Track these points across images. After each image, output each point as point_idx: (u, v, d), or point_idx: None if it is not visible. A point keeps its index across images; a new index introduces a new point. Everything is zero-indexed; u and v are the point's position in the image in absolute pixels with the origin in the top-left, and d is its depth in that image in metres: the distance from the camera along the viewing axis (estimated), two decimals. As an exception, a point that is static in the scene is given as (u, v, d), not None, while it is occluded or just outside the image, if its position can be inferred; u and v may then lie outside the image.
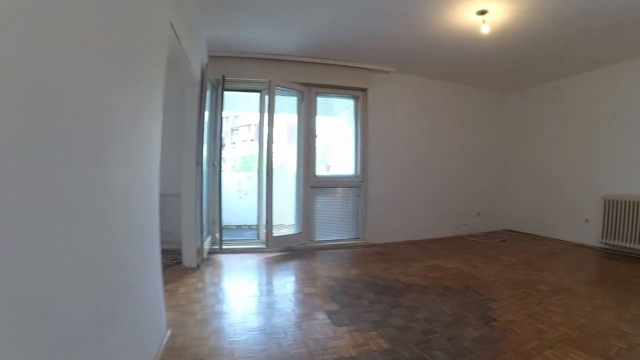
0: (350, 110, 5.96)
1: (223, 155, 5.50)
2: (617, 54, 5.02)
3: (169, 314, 2.77)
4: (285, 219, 5.22)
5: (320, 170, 5.78)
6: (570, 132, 6.19)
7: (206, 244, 4.63)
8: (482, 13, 3.83)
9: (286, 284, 3.81)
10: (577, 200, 6.01)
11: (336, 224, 5.75)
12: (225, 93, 4.99)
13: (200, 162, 4.21)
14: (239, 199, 7.10)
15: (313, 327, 2.73)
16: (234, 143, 9.07)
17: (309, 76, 5.36)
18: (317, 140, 5.56)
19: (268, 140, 4.88)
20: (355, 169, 5.90)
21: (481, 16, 3.87)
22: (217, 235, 5.00)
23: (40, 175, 0.98)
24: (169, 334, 2.49)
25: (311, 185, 5.44)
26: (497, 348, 2.47)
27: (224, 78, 4.83)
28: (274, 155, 4.91)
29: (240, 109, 7.80)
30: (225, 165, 7.94)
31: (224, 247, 4.95)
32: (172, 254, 4.45)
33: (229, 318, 2.89)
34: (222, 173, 4.97)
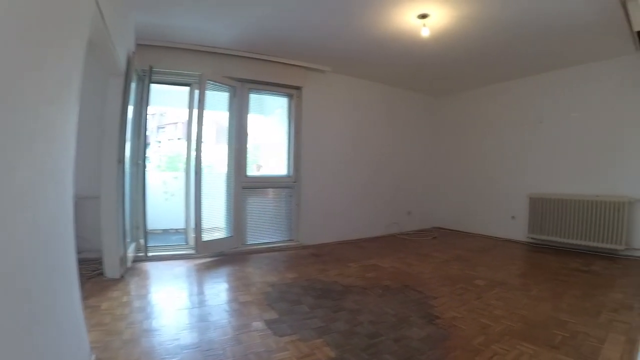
0: (283, 108, 5.77)
1: (148, 153, 5.04)
2: (545, 64, 5.45)
3: (92, 334, 2.41)
4: (215, 221, 4.90)
5: (252, 170, 5.51)
6: (498, 135, 6.59)
7: (130, 252, 4.20)
8: (423, 17, 3.87)
9: (219, 293, 3.50)
10: (505, 198, 6.43)
11: (269, 226, 5.53)
12: (153, 86, 4.58)
13: (122, 161, 3.76)
14: (165, 200, 6.61)
15: (253, 340, 2.49)
16: (160, 141, 8.51)
17: (243, 71, 5.08)
18: (249, 139, 5.30)
19: (197, 138, 4.54)
20: (288, 169, 5.73)
21: (422, 20, 3.91)
22: (142, 241, 4.55)
23: None
24: (93, 359, 2.11)
25: (242, 185, 5.17)
26: (445, 346, 2.43)
27: (151, 68, 4.40)
28: (203, 154, 4.59)
29: (167, 105, 7.31)
30: (150, 165, 7.40)
31: (149, 255, 4.53)
32: (93, 263, 3.95)
33: (160, 336, 2.55)
34: (147, 173, 4.53)
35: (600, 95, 5.17)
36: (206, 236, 4.68)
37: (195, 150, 4.55)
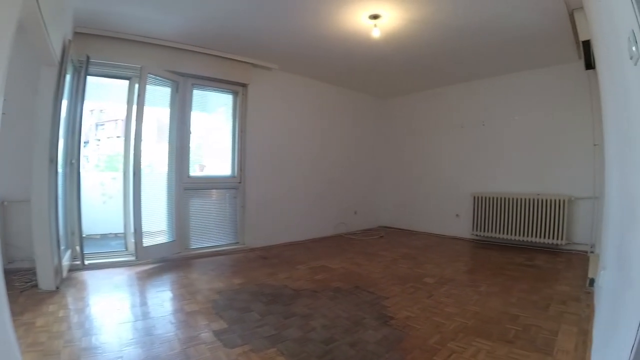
0: (228, 106, 5.49)
1: (86, 153, 4.58)
2: (491, 69, 5.66)
3: (27, 356, 2.10)
4: (157, 225, 4.55)
5: (195, 171, 5.20)
6: (443, 136, 6.75)
7: (66, 260, 3.77)
8: (375, 17, 3.81)
9: (164, 303, 3.20)
10: (449, 197, 6.60)
11: (214, 229, 5.24)
12: (91, 79, 4.17)
13: (54, 161, 3.34)
14: (102, 203, 6.11)
15: (202, 354, 2.25)
16: (99, 140, 7.92)
17: (187, 66, 4.77)
18: (192, 137, 4.99)
19: (136, 136, 4.20)
20: (233, 169, 5.46)
21: (373, 20, 3.85)
22: (78, 248, 4.10)
23: None
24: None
25: (184, 187, 4.86)
26: (402, 348, 2.34)
27: (88, 59, 3.97)
28: (142, 153, 4.26)
29: (106, 100, 6.76)
30: (88, 165, 6.87)
31: (87, 263, 4.10)
32: (26, 274, 3.53)
33: (101, 354, 2.23)
34: (82, 173, 4.08)
35: (542, 100, 5.42)
36: (147, 241, 4.35)
37: (134, 149, 4.21)
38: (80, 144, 4.08)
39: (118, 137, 4.73)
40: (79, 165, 4.01)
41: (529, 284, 3.63)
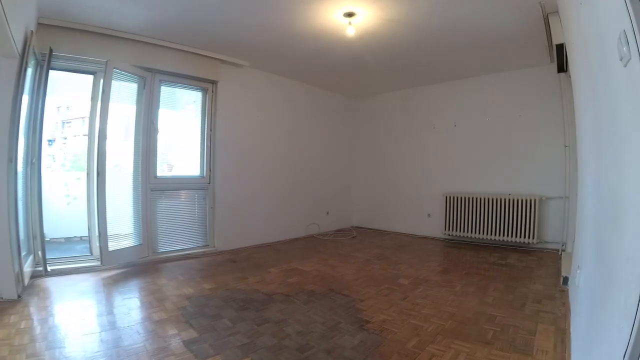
0: (197, 103, 5.29)
1: (52, 152, 4.28)
2: (464, 71, 5.74)
3: None
4: (122, 228, 4.33)
5: (162, 171, 4.99)
6: (415, 137, 6.79)
7: (27, 266, 3.51)
8: (350, 15, 3.74)
9: (131, 311, 3.00)
10: (420, 197, 6.64)
11: (182, 232, 5.04)
12: (57, 75, 3.94)
13: (14, 160, 3.09)
14: (67, 205, 5.80)
15: (171, 366, 2.11)
16: (65, 138, 7.55)
17: (155, 60, 4.55)
18: (159, 136, 4.77)
19: (100, 134, 3.98)
20: (202, 169, 5.27)
21: (348, 18, 3.78)
22: (40, 253, 3.84)
23: None
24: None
25: (151, 187, 4.65)
26: (381, 353, 2.27)
27: (51, 51, 3.71)
28: (108, 153, 4.04)
29: (73, 97, 6.43)
30: (55, 164, 6.56)
31: (50, 269, 3.85)
32: None
33: None
34: (47, 173, 3.81)
35: (513, 102, 5.52)
36: (113, 245, 4.13)
37: (98, 148, 3.99)
38: (41, 142, 3.84)
39: (85, 136, 4.48)
40: (40, 165, 3.77)
41: (504, 283, 3.64)
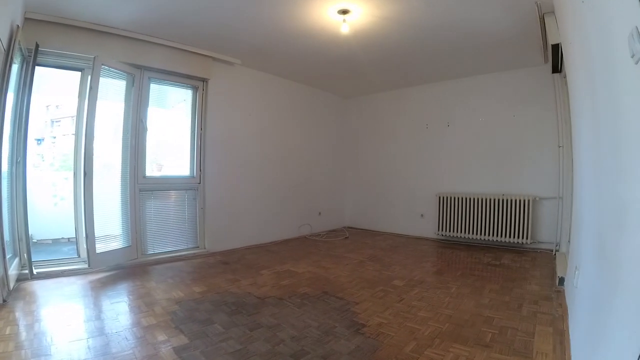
0: (187, 102, 5.18)
1: (41, 151, 4.15)
2: (458, 71, 5.72)
3: None
4: (110, 229, 4.23)
5: (151, 171, 4.87)
6: (407, 137, 6.77)
7: (13, 269, 3.40)
8: (344, 12, 3.67)
9: (119, 316, 2.90)
10: (413, 197, 6.62)
11: (172, 233, 4.93)
12: (42, 71, 3.80)
13: None
14: (54, 205, 5.66)
15: (161, 375, 2.03)
16: (54, 137, 7.42)
17: (144, 57, 4.44)
18: (148, 135, 4.66)
19: (87, 133, 3.88)
20: (192, 169, 5.17)
21: (343, 15, 3.71)
22: (26, 255, 3.72)
23: None
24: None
25: (140, 188, 4.55)
26: (378, 358, 2.22)
27: (37, 47, 3.59)
28: (95, 152, 3.95)
29: (60, 94, 6.29)
30: (43, 164, 6.42)
31: (36, 272, 3.72)
32: None
33: None
34: (34, 173, 3.68)
35: (507, 103, 5.52)
36: (100, 247, 4.03)
37: (85, 147, 3.88)
38: (27, 140, 3.70)
39: (73, 135, 4.37)
40: (25, 165, 3.65)
41: (499, 284, 3.62)
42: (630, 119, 1.13)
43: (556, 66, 3.90)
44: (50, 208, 5.60)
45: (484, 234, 5.49)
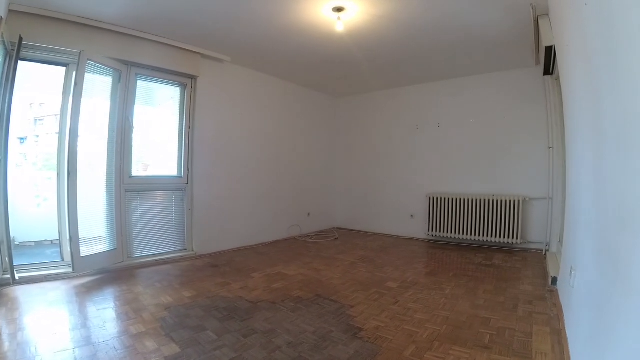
0: (175, 100, 5.05)
1: (24, 150, 3.98)
2: (450, 72, 5.73)
3: None
4: (95, 231, 4.10)
5: (137, 171, 4.74)
6: (397, 137, 6.78)
7: None
8: (339, 10, 3.62)
9: (106, 324, 2.78)
10: (403, 198, 6.62)
11: (158, 235, 4.81)
12: (25, 66, 3.66)
13: None
14: (37, 206, 5.48)
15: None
16: (38, 136, 7.22)
17: (131, 53, 4.30)
18: (135, 133, 4.53)
19: (71, 131, 3.75)
20: (179, 168, 5.04)
21: (337, 13, 3.66)
22: (8, 259, 3.57)
23: None
24: None
25: (126, 188, 4.42)
26: None
27: (21, 40, 3.43)
28: (80, 151, 3.82)
29: (43, 91, 6.11)
30: (26, 163, 6.24)
31: (18, 277, 3.58)
32: None
33: None
34: (16, 173, 3.52)
35: (497, 104, 5.57)
36: (85, 250, 3.90)
37: (69, 146, 3.75)
38: (8, 138, 3.56)
39: (57, 134, 4.23)
40: (6, 164, 3.51)
41: (493, 285, 3.63)
42: None
43: (548, 68, 3.93)
44: (33, 209, 5.43)
45: (475, 234, 5.52)
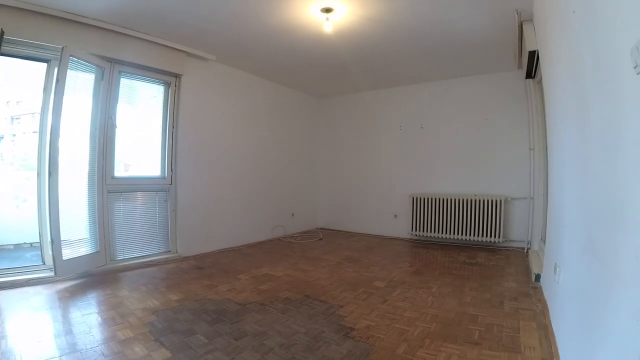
0: (158, 98, 4.95)
1: (0, 150, 3.82)
2: (431, 74, 5.86)
3: None
4: (77, 234, 3.99)
5: (118, 171, 4.61)
6: (381, 138, 6.85)
7: None
8: (328, 11, 3.63)
9: (92, 330, 2.70)
10: (387, 198, 6.69)
11: (142, 237, 4.72)
12: (2, 60, 3.57)
13: None
14: (16, 208, 5.33)
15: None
16: (14, 135, 7.00)
17: (115, 49, 4.20)
18: (117, 132, 4.42)
19: (52, 129, 3.65)
20: (163, 169, 4.96)
21: (326, 14, 3.66)
22: None
23: None
24: None
25: (108, 189, 4.33)
26: None
27: (2, 33, 3.29)
28: (61, 150, 3.72)
29: (23, 87, 5.98)
30: (2, 163, 6.12)
31: None
32: None
33: None
34: None
35: (479, 106, 5.70)
36: (67, 253, 3.80)
37: (50, 145, 3.65)
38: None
39: (35, 133, 4.10)
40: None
41: (478, 282, 3.71)
42: (630, 125, 1.16)
43: (530, 72, 4.03)
44: (11, 210, 5.29)
45: (457, 234, 5.63)
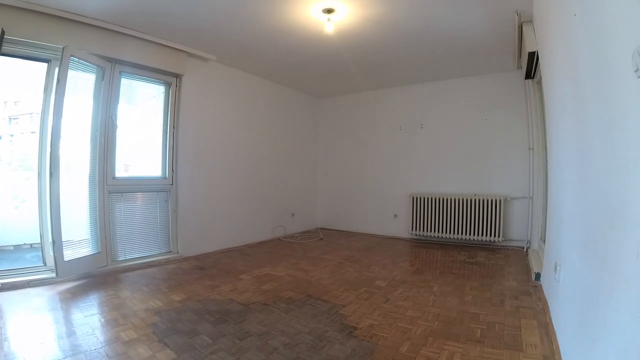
0: (158, 99, 4.95)
1: None
2: (433, 74, 5.87)
3: None
4: (78, 234, 4.00)
5: (119, 171, 4.60)
6: (380, 138, 6.86)
7: None
8: (329, 11, 3.64)
9: (95, 331, 2.70)
10: (386, 198, 6.73)
11: (143, 237, 4.73)
12: (3, 62, 3.57)
13: None
14: (15, 208, 5.34)
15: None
16: (12, 135, 7.00)
17: (116, 49, 4.21)
18: (118, 133, 4.43)
19: (53, 130, 3.66)
20: (164, 169, 4.97)
21: (327, 15, 3.67)
22: None
23: None
24: None
25: (109, 189, 4.33)
26: None
27: (3, 33, 3.29)
28: (62, 150, 3.73)
29: (22, 88, 5.98)
30: (1, 163, 6.10)
31: (0, 283, 3.48)
32: None
33: None
34: None
35: (479, 106, 5.73)
36: (68, 254, 3.80)
37: (51, 145, 3.65)
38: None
39: (33, 133, 4.10)
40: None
41: (478, 281, 3.74)
42: (630, 127, 1.18)
43: (530, 72, 4.06)
44: (11, 211, 5.29)
45: (457, 233, 5.66)
